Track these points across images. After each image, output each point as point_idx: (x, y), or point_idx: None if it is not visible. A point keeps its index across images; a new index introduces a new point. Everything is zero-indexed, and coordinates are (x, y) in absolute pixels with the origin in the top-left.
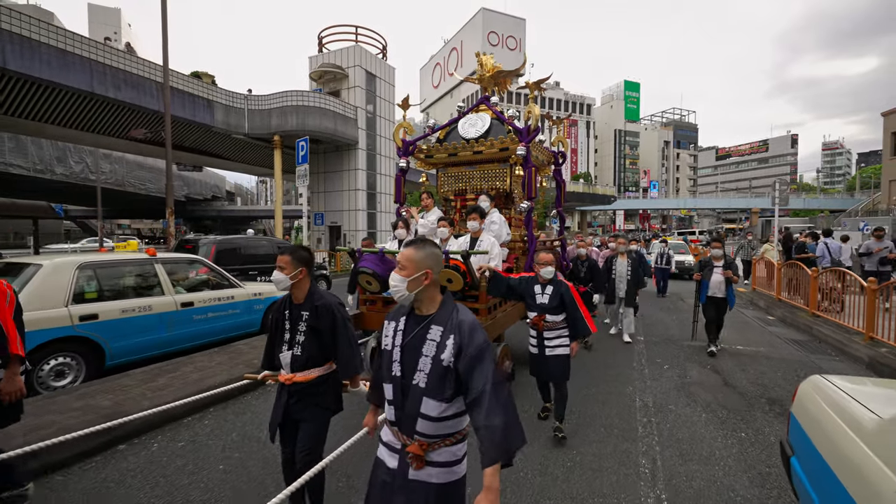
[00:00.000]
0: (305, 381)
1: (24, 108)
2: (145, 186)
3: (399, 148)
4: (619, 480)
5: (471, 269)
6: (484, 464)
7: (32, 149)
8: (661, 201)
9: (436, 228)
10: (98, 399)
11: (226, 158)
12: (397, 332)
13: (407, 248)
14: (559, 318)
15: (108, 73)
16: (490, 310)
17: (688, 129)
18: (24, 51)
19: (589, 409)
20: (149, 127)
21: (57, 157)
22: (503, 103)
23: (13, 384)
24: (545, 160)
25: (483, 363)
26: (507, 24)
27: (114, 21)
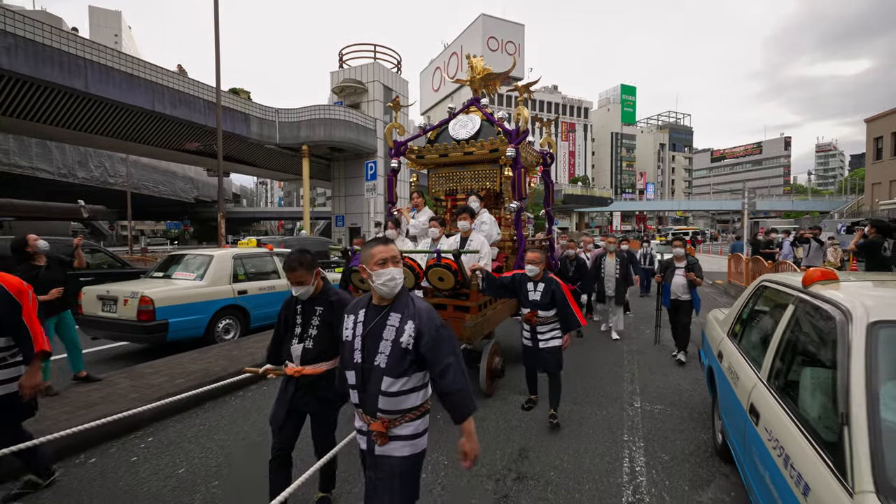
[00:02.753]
0: (314, 374)
1: (98, 125)
2: (158, 189)
3: (391, 148)
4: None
5: (462, 267)
6: (458, 419)
7: (57, 154)
8: (656, 203)
9: (427, 228)
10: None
11: (257, 166)
12: (357, 323)
13: (391, 244)
14: (551, 314)
15: (165, 93)
16: (480, 307)
17: (683, 132)
18: (102, 76)
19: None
20: (195, 139)
21: (79, 162)
22: (493, 105)
23: (34, 379)
24: (534, 161)
25: (443, 341)
26: (507, 30)
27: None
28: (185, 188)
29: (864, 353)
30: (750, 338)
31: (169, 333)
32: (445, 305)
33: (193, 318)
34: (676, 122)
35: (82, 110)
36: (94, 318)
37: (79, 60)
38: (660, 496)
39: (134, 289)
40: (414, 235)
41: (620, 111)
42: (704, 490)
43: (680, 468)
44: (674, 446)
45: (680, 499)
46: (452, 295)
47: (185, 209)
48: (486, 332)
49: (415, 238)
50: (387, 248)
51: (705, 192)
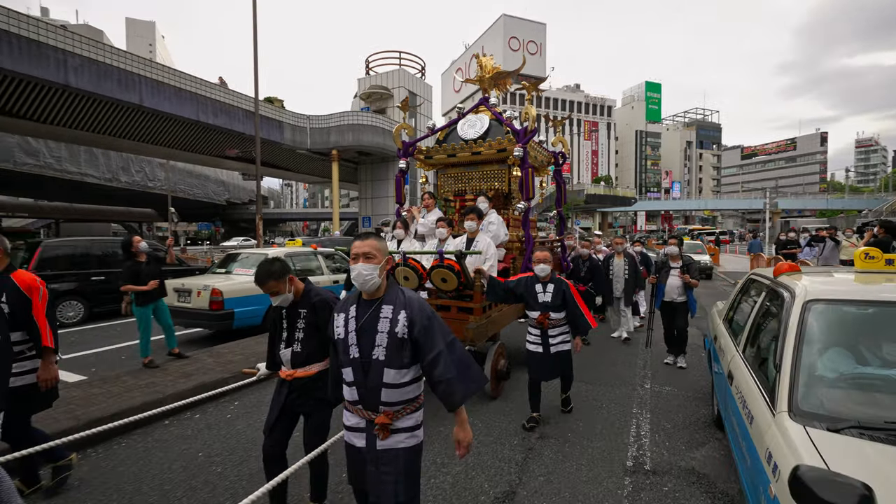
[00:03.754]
0: (306, 377)
1: (150, 135)
2: (193, 192)
3: (399, 149)
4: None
5: (465, 269)
6: (450, 407)
7: (102, 160)
8: (682, 202)
9: (435, 228)
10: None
11: (289, 170)
12: (349, 320)
13: (369, 239)
14: (561, 316)
15: (208, 104)
16: (484, 309)
17: (711, 129)
18: (157, 91)
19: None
20: (235, 145)
21: (122, 168)
22: (507, 105)
23: (49, 372)
24: (544, 160)
25: (433, 330)
26: (528, 30)
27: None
28: (217, 191)
29: (797, 321)
30: (736, 320)
31: (234, 321)
32: (449, 307)
33: (254, 308)
34: (704, 118)
35: (136, 122)
36: (171, 307)
37: (133, 76)
38: (660, 453)
39: (205, 282)
40: (423, 235)
41: (645, 109)
42: (699, 449)
43: (680, 434)
44: (676, 418)
45: (677, 455)
46: (456, 296)
47: (216, 211)
48: (491, 334)
49: (423, 238)
50: (362, 243)
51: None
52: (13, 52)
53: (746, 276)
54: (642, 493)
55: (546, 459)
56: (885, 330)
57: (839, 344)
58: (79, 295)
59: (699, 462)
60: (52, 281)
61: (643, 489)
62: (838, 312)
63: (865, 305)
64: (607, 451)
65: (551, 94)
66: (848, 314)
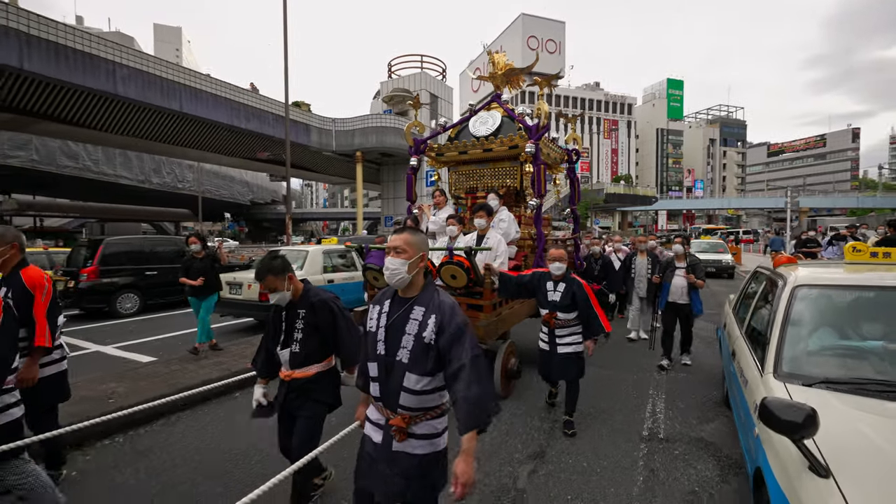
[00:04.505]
0: (304, 378)
1: (188, 139)
2: (219, 192)
3: (410, 147)
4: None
5: (475, 265)
6: (461, 431)
7: (136, 162)
8: (705, 201)
9: (445, 226)
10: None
11: (315, 171)
12: (382, 314)
13: (403, 233)
14: (571, 316)
15: (241, 109)
16: (494, 306)
17: (735, 126)
18: (195, 98)
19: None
20: (265, 148)
21: (153, 170)
22: (523, 104)
23: (29, 371)
24: (558, 158)
25: (462, 340)
26: (547, 28)
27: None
28: (241, 191)
29: (786, 302)
30: (741, 307)
31: None
32: (458, 304)
33: None
34: (728, 115)
35: (176, 127)
36: (224, 299)
37: (174, 84)
38: (672, 425)
39: (252, 277)
40: (434, 233)
41: (666, 106)
42: (709, 424)
43: (692, 411)
44: (690, 398)
45: (688, 427)
46: (466, 293)
47: (240, 210)
48: (501, 332)
49: (434, 235)
50: (396, 236)
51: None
52: (69, 65)
53: (754, 268)
54: (655, 456)
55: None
56: (861, 309)
57: (820, 320)
58: (135, 288)
59: (708, 433)
60: (112, 275)
61: (656, 452)
62: (821, 295)
63: (845, 289)
64: (625, 423)
65: (570, 93)
66: (829, 296)
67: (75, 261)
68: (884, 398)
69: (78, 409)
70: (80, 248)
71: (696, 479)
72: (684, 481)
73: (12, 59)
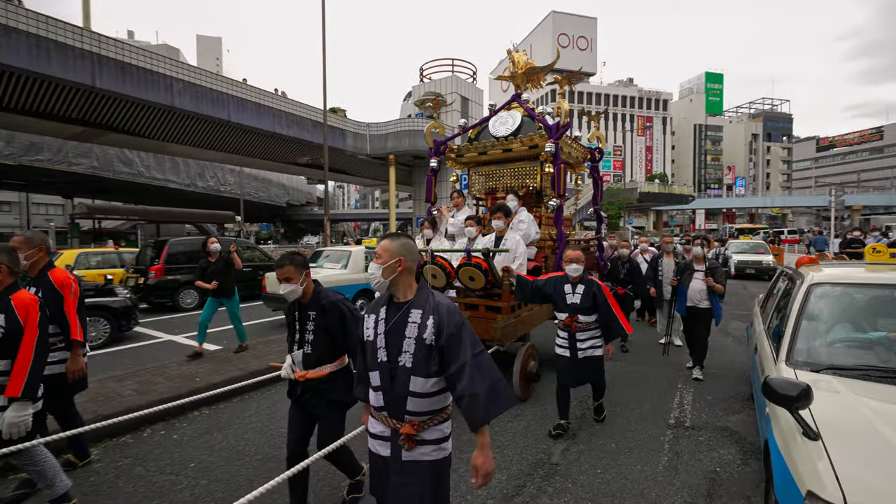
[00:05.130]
0: (317, 378)
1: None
2: (257, 195)
3: (430, 148)
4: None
5: (493, 267)
6: (472, 427)
7: (182, 167)
8: (746, 199)
9: (464, 227)
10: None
11: (350, 174)
12: (378, 321)
13: (384, 240)
14: (591, 319)
15: (282, 117)
16: (513, 308)
17: (780, 120)
18: (242, 108)
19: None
20: (304, 153)
21: (198, 174)
22: (547, 105)
23: (76, 364)
24: (580, 157)
25: (462, 339)
26: (578, 25)
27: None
28: (278, 193)
29: (802, 298)
30: (766, 305)
31: None
32: (477, 306)
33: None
34: (772, 109)
35: (224, 135)
36: (275, 295)
37: (223, 96)
38: (699, 415)
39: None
40: (453, 234)
41: (705, 101)
42: (734, 415)
43: (719, 404)
44: (718, 393)
45: (714, 417)
46: (484, 295)
47: (277, 212)
48: (521, 334)
49: (453, 237)
50: (380, 244)
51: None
52: (133, 81)
53: (779, 269)
54: (681, 441)
55: (597, 426)
56: (872, 305)
57: (832, 315)
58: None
59: (733, 423)
60: (175, 273)
61: (682, 438)
62: (834, 292)
63: (857, 287)
64: (653, 412)
65: (602, 90)
66: (842, 293)
67: (143, 260)
68: (882, 382)
69: (174, 385)
70: (147, 248)
71: (717, 462)
72: (706, 462)
73: (86, 78)
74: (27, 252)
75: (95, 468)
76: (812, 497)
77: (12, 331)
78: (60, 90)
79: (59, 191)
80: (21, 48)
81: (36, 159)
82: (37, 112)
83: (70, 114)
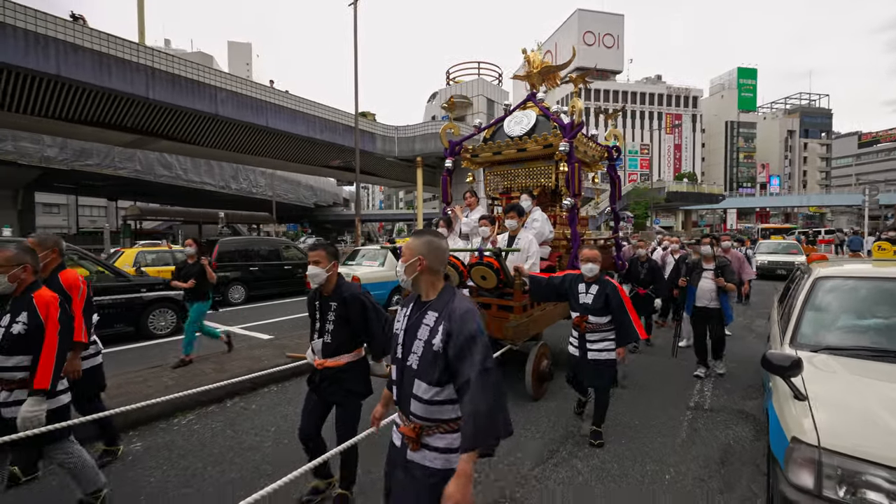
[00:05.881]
0: (335, 367)
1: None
2: (287, 196)
3: (445, 149)
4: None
5: (504, 266)
6: (460, 449)
7: (217, 170)
8: (781, 198)
9: (478, 227)
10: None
11: (378, 175)
12: (404, 316)
13: (410, 237)
14: (603, 321)
15: (316, 122)
16: (525, 307)
17: (818, 116)
18: (278, 114)
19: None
20: (336, 156)
21: (232, 176)
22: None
23: (73, 365)
24: (596, 156)
25: (471, 351)
26: (604, 22)
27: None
28: (306, 195)
29: (807, 290)
30: (781, 298)
31: None
32: (490, 305)
33: (382, 292)
34: (809, 104)
35: (261, 140)
36: None
37: (262, 103)
38: (717, 400)
39: (346, 271)
40: (466, 234)
41: (737, 97)
42: (751, 401)
43: (738, 391)
44: (738, 381)
45: (732, 402)
46: (497, 294)
47: (304, 213)
48: (533, 333)
49: (468, 237)
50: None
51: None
52: (182, 91)
53: (796, 266)
54: (699, 421)
55: (626, 397)
56: (871, 296)
57: (834, 304)
58: (242, 281)
59: (749, 407)
60: (225, 270)
61: (700, 418)
62: (837, 284)
63: (858, 280)
64: (674, 396)
65: (629, 88)
66: (844, 286)
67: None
68: (870, 360)
69: (245, 366)
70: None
71: (732, 437)
72: (721, 437)
73: (141, 90)
74: (41, 253)
75: (195, 428)
76: (795, 441)
77: (34, 328)
78: (119, 101)
79: (104, 193)
80: (86, 64)
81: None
82: (98, 122)
83: (127, 123)
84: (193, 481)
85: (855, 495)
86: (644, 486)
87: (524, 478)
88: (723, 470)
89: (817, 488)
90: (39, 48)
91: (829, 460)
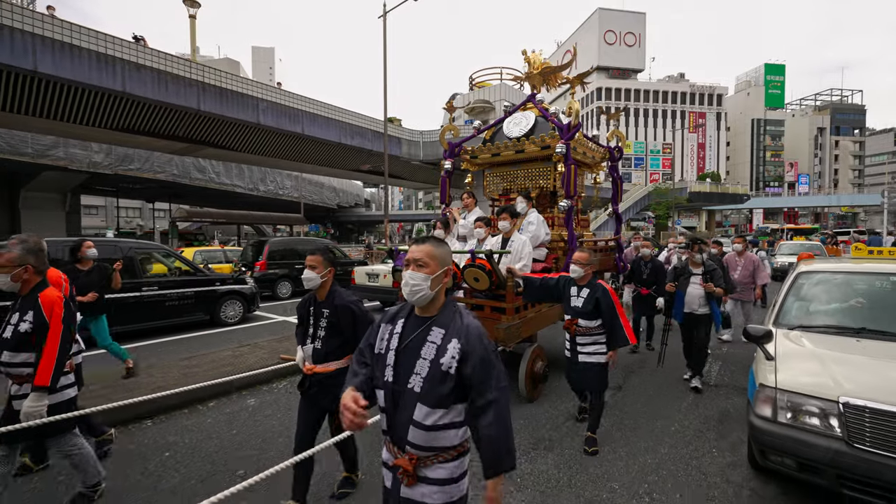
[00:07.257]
0: (324, 373)
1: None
2: (311, 198)
3: (445, 150)
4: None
5: (496, 268)
6: (489, 473)
7: (247, 173)
8: (809, 198)
9: (474, 228)
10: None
11: (403, 178)
12: (393, 335)
13: (426, 245)
14: (594, 324)
15: (346, 128)
16: (517, 310)
17: (851, 112)
18: (313, 122)
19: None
20: (365, 161)
21: (260, 179)
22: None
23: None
24: (597, 157)
25: (494, 372)
26: (626, 21)
27: (269, 59)
28: (330, 196)
29: (790, 283)
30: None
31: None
32: (483, 306)
33: None
34: (841, 100)
35: (296, 146)
36: (364, 286)
37: (297, 112)
38: (721, 378)
39: (386, 269)
40: (463, 236)
41: (764, 94)
42: None
43: (742, 372)
44: (742, 364)
45: (736, 381)
46: (490, 296)
47: (328, 214)
48: (526, 335)
49: (465, 238)
50: (415, 248)
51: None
52: (228, 103)
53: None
54: (703, 394)
55: (637, 378)
56: (842, 285)
57: (810, 293)
58: (288, 278)
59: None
60: (274, 267)
61: (704, 392)
62: (814, 278)
63: (832, 274)
64: (680, 375)
65: (651, 86)
66: (821, 278)
67: (245, 257)
68: (832, 335)
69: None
70: (249, 247)
71: (731, 405)
72: (722, 404)
73: (193, 103)
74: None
75: (249, 403)
76: (761, 386)
77: (38, 326)
78: (173, 114)
79: (142, 196)
80: (147, 81)
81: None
82: (153, 132)
83: (178, 132)
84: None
85: (797, 419)
86: (654, 435)
87: (524, 477)
88: (720, 427)
89: (773, 416)
90: (108, 67)
91: (781, 396)
